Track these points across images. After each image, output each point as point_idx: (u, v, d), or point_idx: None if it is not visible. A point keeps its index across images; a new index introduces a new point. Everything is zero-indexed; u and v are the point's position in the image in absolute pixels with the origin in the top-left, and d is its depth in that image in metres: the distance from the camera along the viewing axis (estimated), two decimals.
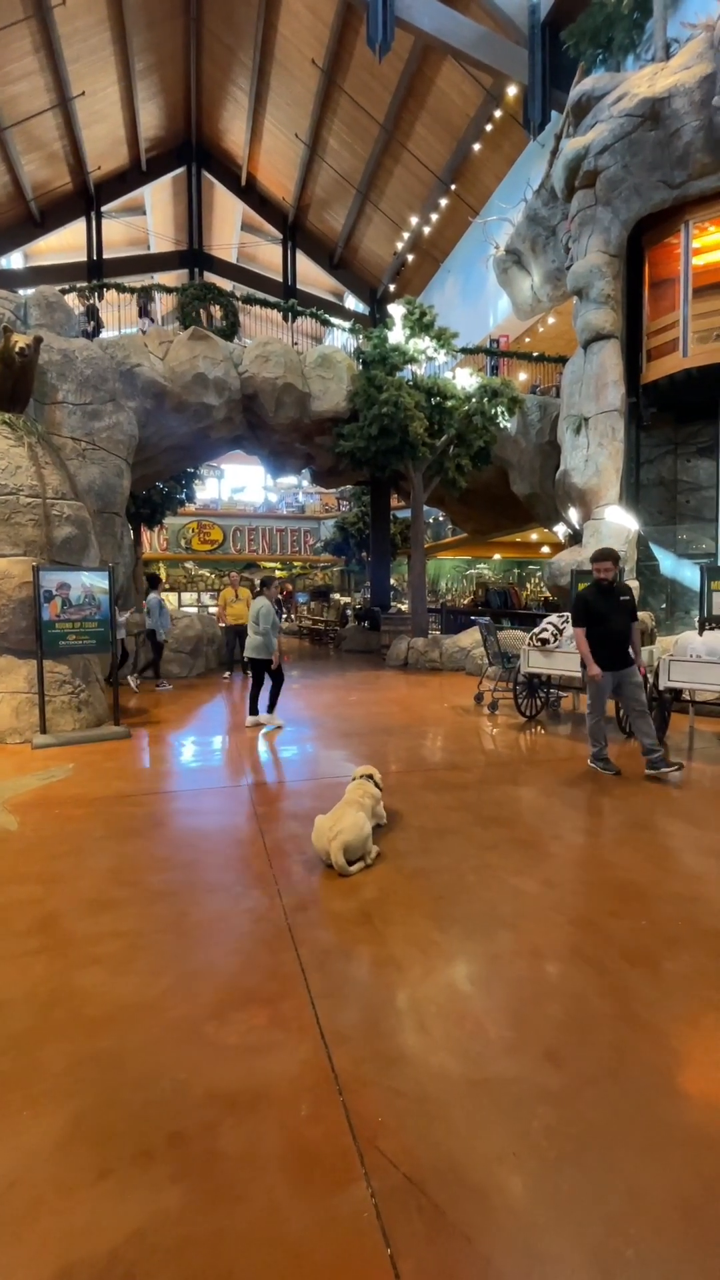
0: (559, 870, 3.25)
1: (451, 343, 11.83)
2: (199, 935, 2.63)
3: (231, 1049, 1.96)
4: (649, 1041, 1.99)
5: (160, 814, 4.06)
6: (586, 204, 11.19)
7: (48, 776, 4.88)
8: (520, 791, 4.57)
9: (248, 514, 28.35)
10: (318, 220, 23.75)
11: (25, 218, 20.86)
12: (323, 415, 11.86)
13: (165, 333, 11.02)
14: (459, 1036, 2.00)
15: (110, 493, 9.62)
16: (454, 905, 2.88)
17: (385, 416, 10.50)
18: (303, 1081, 1.82)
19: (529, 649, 6.68)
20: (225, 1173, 1.53)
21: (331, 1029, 2.04)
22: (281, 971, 2.36)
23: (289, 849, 3.51)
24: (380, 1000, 2.19)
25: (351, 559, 24.70)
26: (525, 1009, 2.14)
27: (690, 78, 9.55)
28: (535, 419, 13.75)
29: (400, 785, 4.63)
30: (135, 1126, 1.67)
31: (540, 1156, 1.57)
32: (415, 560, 12.31)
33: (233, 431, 12.24)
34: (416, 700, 8.51)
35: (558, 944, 2.54)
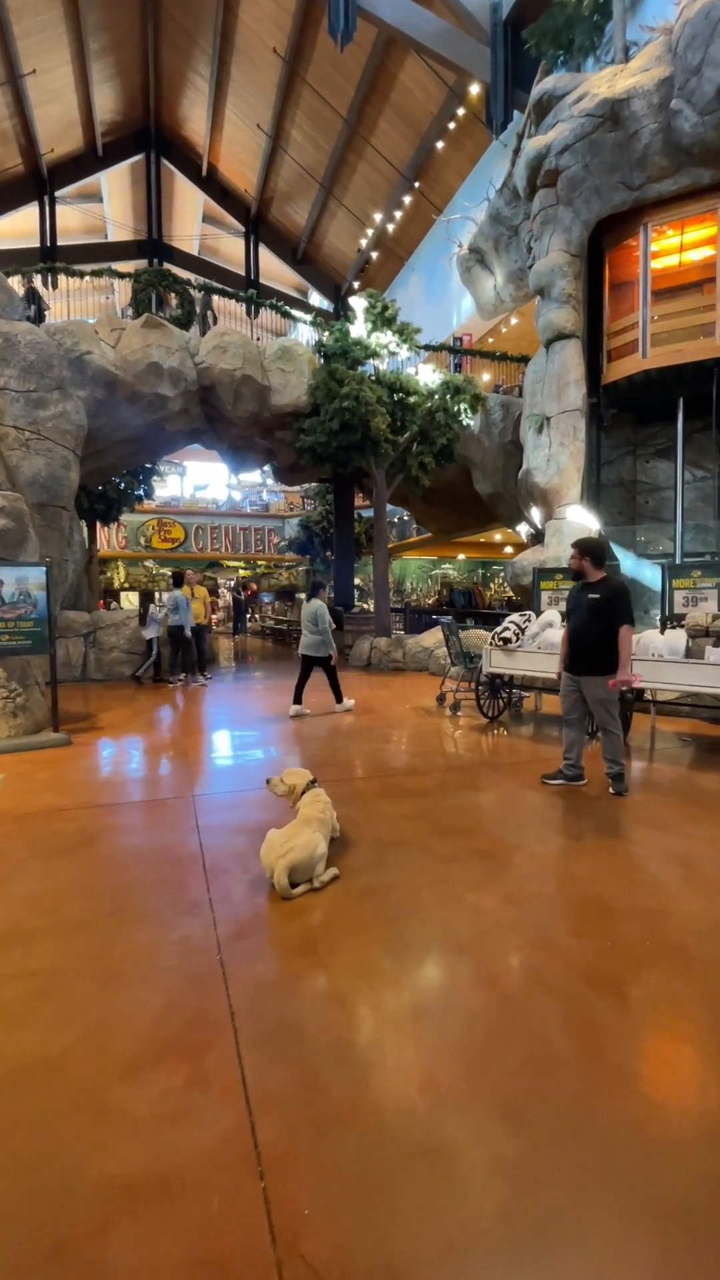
0: (520, 884, 3.03)
1: (414, 338, 11.65)
2: (119, 974, 2.32)
3: (140, 1120, 1.66)
4: (617, 1086, 1.77)
5: (93, 830, 3.72)
6: (548, 203, 11.15)
7: None
8: (480, 798, 4.36)
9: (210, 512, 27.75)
10: (281, 214, 23.38)
11: None
12: (283, 409, 11.55)
13: (117, 320, 10.55)
14: (406, 1090, 1.75)
15: (56, 485, 9.13)
16: (406, 928, 2.63)
17: (346, 411, 10.25)
18: (220, 1160, 1.54)
19: (491, 648, 6.51)
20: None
21: (259, 1088, 1.76)
22: (208, 1016, 2.08)
23: (231, 867, 3.22)
24: (318, 1048, 1.93)
25: (316, 558, 24.37)
26: (481, 1052, 1.90)
27: (648, 80, 9.57)
28: (498, 418, 13.69)
29: (357, 794, 4.37)
30: (12, 1234, 1.36)
31: (495, 1247, 1.33)
32: (379, 559, 12.09)
33: (190, 424, 11.82)
34: (378, 701, 8.28)
35: (517, 970, 2.32)
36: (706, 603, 5.88)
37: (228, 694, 9.01)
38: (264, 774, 5.05)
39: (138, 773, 5.01)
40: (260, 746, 5.92)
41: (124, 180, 23.23)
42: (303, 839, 2.98)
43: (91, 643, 9.74)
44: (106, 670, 9.74)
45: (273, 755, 5.58)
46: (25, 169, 20.40)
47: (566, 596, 4.80)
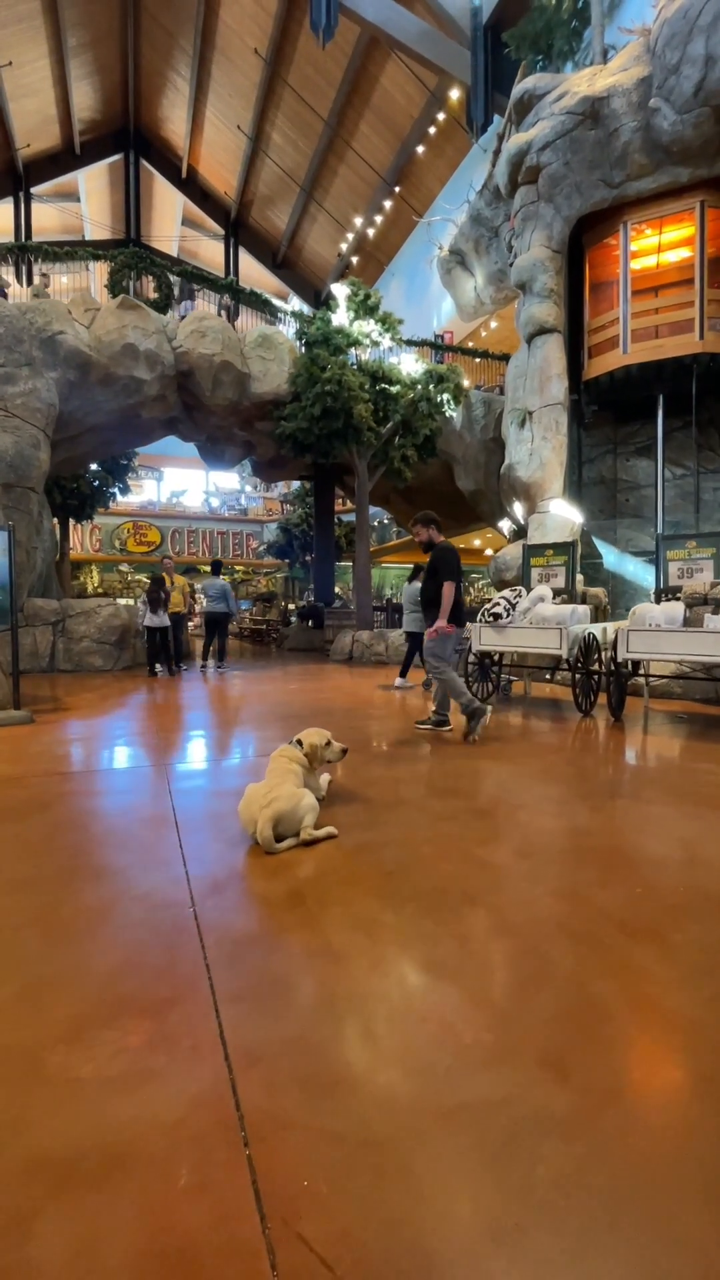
0: (529, 839, 2.72)
1: (396, 327, 11.51)
2: (69, 929, 1.95)
3: (83, 1086, 1.30)
4: (680, 1036, 1.46)
5: (50, 796, 3.31)
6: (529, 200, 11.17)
7: None
8: (477, 764, 4.06)
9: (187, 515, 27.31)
10: (261, 217, 23.35)
11: None
12: (263, 398, 11.29)
13: (91, 300, 10.22)
14: (420, 1045, 1.42)
15: (25, 464, 8.70)
16: (407, 881, 2.30)
17: (328, 396, 10.02)
18: (190, 1127, 1.19)
19: (480, 625, 6.25)
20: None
21: (240, 1045, 1.41)
22: (177, 970, 1.72)
23: (206, 826, 2.86)
24: (311, 1002, 1.58)
25: (295, 563, 24.06)
26: (508, 1002, 1.58)
27: (628, 79, 9.65)
28: (480, 414, 13.62)
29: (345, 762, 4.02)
30: None
31: (556, 1226, 1.00)
32: (360, 550, 11.83)
33: (166, 412, 11.48)
34: (360, 688, 7.95)
35: (540, 919, 2.00)
36: (702, 574, 5.71)
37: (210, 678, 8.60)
38: (240, 748, 4.69)
39: (103, 746, 4.60)
40: (235, 725, 5.54)
41: (102, 180, 23.02)
42: (286, 789, 2.64)
43: (60, 631, 9.26)
44: (76, 661, 9.26)
45: (249, 731, 5.21)
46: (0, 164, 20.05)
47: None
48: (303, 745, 3.07)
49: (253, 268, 24.69)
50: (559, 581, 6.90)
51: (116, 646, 9.55)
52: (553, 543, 7.81)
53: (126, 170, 22.44)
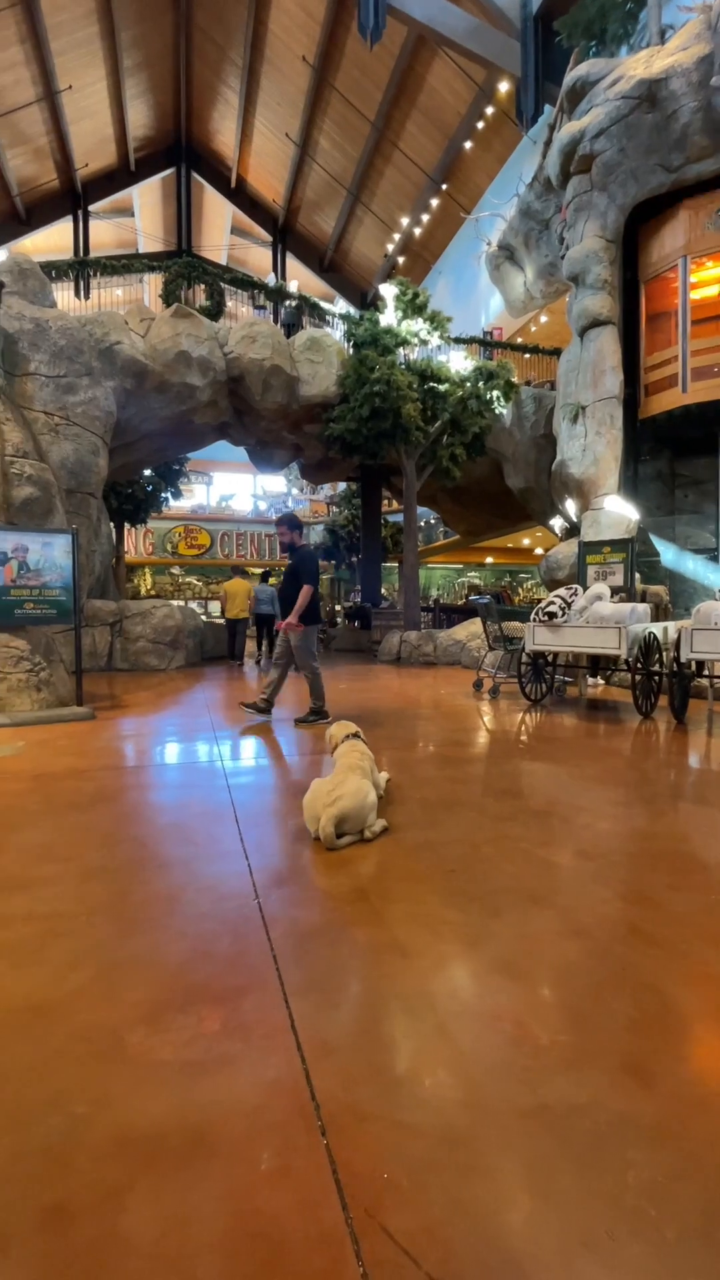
0: (593, 842, 2.65)
1: (445, 325, 11.43)
2: (139, 917, 2.00)
3: (163, 1067, 1.33)
4: None
5: (114, 788, 3.42)
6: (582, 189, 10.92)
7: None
8: (534, 765, 3.98)
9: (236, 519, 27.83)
10: (308, 222, 23.60)
11: (10, 214, 20.48)
12: (312, 401, 11.39)
13: (146, 310, 10.53)
14: (495, 1043, 1.39)
15: (85, 471, 9.04)
16: (470, 880, 2.27)
17: (377, 396, 10.03)
18: (267, 1114, 1.20)
19: (534, 624, 6.13)
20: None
21: (312, 1036, 1.42)
22: (245, 960, 1.74)
23: (266, 822, 2.89)
24: (380, 996, 1.57)
25: (341, 564, 24.18)
26: (583, 1004, 1.53)
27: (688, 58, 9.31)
28: (530, 411, 13.38)
29: (396, 761, 4.02)
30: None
31: (650, 1236, 0.96)
32: (408, 550, 11.79)
33: (218, 417, 11.73)
34: (410, 688, 7.92)
35: (610, 922, 1.94)
36: None
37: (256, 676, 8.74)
38: (294, 744, 4.74)
39: (162, 742, 4.72)
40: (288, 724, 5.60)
41: (155, 194, 23.73)
42: (351, 786, 2.65)
43: (118, 632, 9.57)
44: (133, 660, 9.55)
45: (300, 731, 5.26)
46: (60, 184, 20.93)
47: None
48: (360, 736, 3.09)
49: (300, 272, 24.98)
50: (617, 579, 6.71)
51: (170, 646, 9.80)
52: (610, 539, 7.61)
53: (178, 183, 23.06)
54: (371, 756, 3.03)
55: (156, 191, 23.67)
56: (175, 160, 22.72)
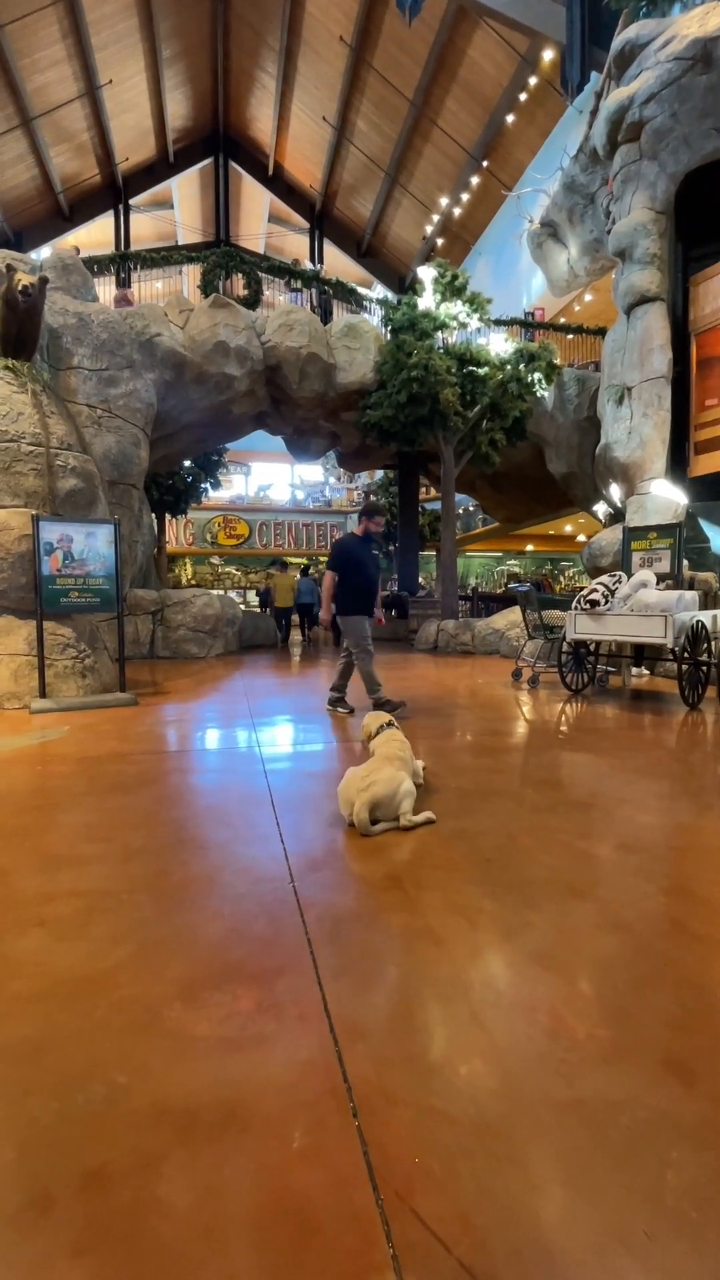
0: (635, 835, 2.58)
1: (485, 307, 11.18)
2: (178, 897, 2.04)
3: (199, 1042, 1.35)
4: None
5: (155, 772, 3.50)
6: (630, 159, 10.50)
7: (38, 737, 4.38)
8: (574, 756, 3.90)
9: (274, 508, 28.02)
10: (345, 207, 23.38)
11: (54, 211, 20.91)
12: (349, 388, 11.33)
13: (185, 301, 10.62)
14: (531, 1034, 1.37)
15: (126, 463, 9.21)
16: (507, 869, 2.24)
17: (414, 382, 9.89)
18: (300, 1093, 1.21)
19: (576, 612, 5.99)
20: (158, 1248, 0.92)
21: (345, 1019, 1.42)
22: (280, 942, 1.76)
23: (301, 806, 2.92)
24: (413, 982, 1.57)
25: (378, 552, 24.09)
26: (623, 999, 1.49)
27: None
28: (573, 393, 13.01)
29: (433, 750, 4.00)
30: (34, 1156, 1.08)
31: (691, 1238, 0.93)
32: (446, 538, 11.66)
33: (255, 407, 11.79)
34: (447, 678, 7.85)
35: (654, 917, 1.89)
36: None
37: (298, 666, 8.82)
38: (332, 732, 4.76)
39: (202, 727, 4.81)
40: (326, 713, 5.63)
41: (193, 185, 23.86)
42: (385, 774, 2.64)
43: (159, 620, 9.78)
44: (174, 648, 9.75)
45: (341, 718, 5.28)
46: (102, 179, 21.24)
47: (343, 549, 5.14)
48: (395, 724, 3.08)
49: (337, 258, 24.81)
50: (663, 566, 6.49)
51: (210, 635, 9.96)
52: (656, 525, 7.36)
53: (216, 173, 23.13)
54: (409, 745, 3.01)
55: (195, 183, 23.80)
56: (213, 150, 22.79)
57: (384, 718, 3.22)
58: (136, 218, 22.71)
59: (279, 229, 25.37)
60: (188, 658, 9.72)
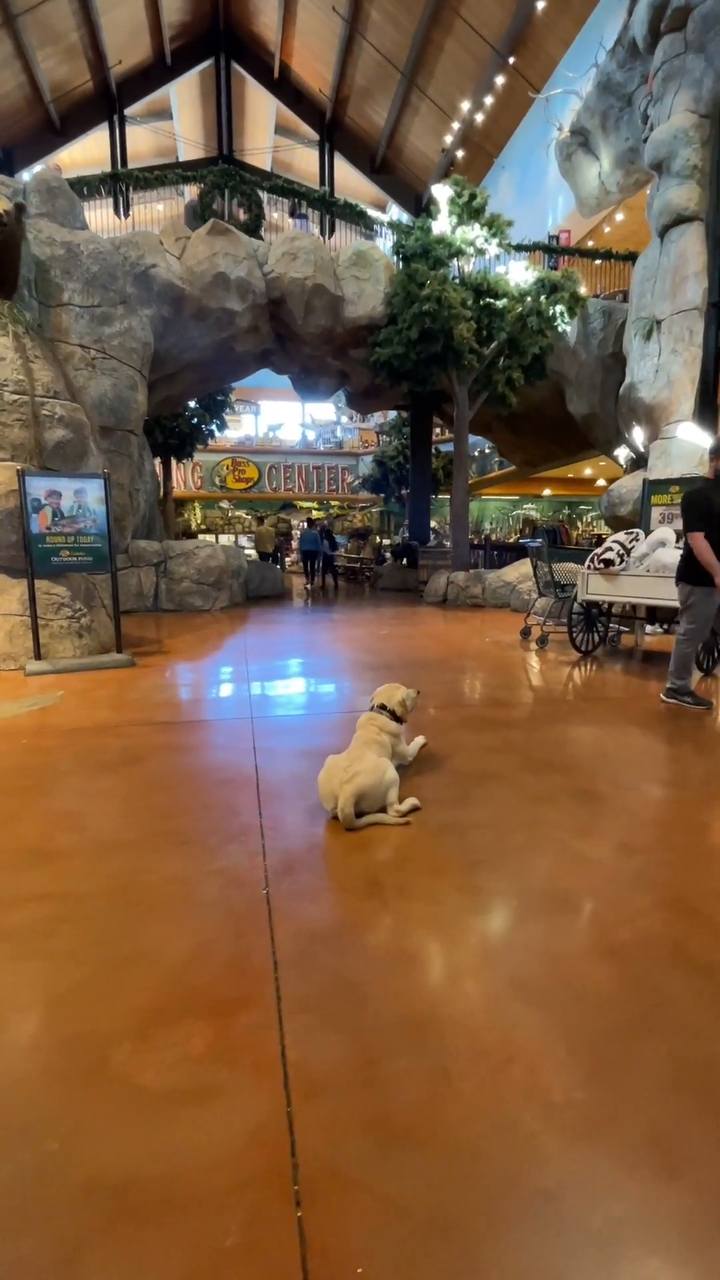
0: (637, 831, 2.43)
1: (505, 231, 10.29)
2: (148, 903, 1.95)
3: (144, 1096, 1.26)
4: None
5: (143, 748, 3.41)
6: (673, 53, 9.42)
7: (30, 704, 4.30)
8: (579, 731, 3.74)
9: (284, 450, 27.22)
10: (358, 115, 21.49)
11: (44, 124, 19.44)
12: (357, 322, 10.63)
13: (181, 228, 9.89)
14: (503, 1096, 1.26)
15: (123, 407, 8.80)
16: (495, 875, 2.11)
17: (427, 316, 9.23)
18: (243, 1168, 1.11)
19: (589, 572, 5.70)
20: None
21: (302, 1069, 1.32)
22: (246, 965, 1.66)
23: (287, 792, 2.80)
24: (382, 1020, 1.46)
25: (390, 497, 23.45)
26: (607, 1050, 1.37)
27: None
28: (598, 327, 12.15)
29: (432, 722, 3.85)
30: None
31: None
32: (458, 485, 11.19)
33: (260, 344, 11.16)
34: (454, 635, 7.66)
35: (649, 939, 1.76)
36: None
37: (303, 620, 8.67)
38: (328, 702, 4.63)
39: (197, 693, 4.71)
40: (325, 676, 5.49)
41: (193, 92, 22.00)
42: (368, 763, 2.50)
43: (163, 572, 9.59)
44: (178, 601, 9.60)
45: (340, 683, 5.14)
46: (94, 86, 19.60)
47: (694, 499, 3.97)
48: (387, 708, 2.92)
49: (349, 177, 23.02)
50: None
51: (214, 587, 9.78)
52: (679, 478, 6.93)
53: (218, 77, 21.24)
54: (394, 729, 2.86)
55: (195, 88, 21.93)
56: (214, 50, 20.84)
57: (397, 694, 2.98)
58: (134, 132, 21.08)
59: (286, 142, 23.49)
60: (192, 610, 9.58)
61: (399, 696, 2.95)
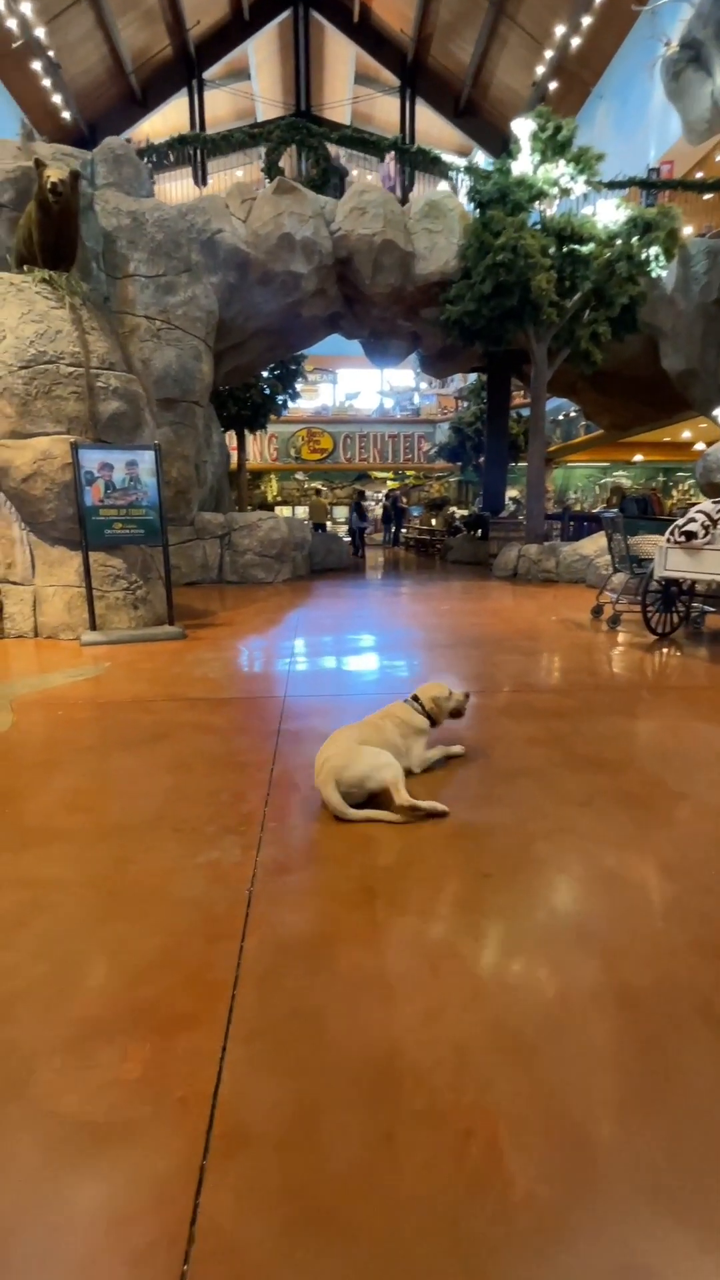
0: (686, 849, 2.10)
1: (594, 165, 9.33)
2: (127, 896, 1.86)
3: (57, 1127, 1.15)
4: None
5: (169, 725, 3.36)
6: None
7: (76, 675, 4.39)
8: (639, 725, 3.35)
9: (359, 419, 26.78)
10: (441, 55, 20.22)
11: (126, 96, 19.63)
12: (429, 279, 10.07)
13: (248, 188, 9.66)
14: (449, 1176, 1.05)
15: (188, 378, 8.82)
16: (506, 891, 1.87)
17: (501, 268, 8.58)
18: (131, 1238, 0.97)
19: (668, 546, 5.14)
20: None
21: (231, 1113, 1.17)
22: (207, 976, 1.53)
23: (300, 780, 2.65)
24: (332, 1063, 1.28)
25: (468, 465, 22.60)
26: (593, 1131, 1.13)
27: None
28: (700, 270, 10.91)
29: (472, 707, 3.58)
30: None
31: None
32: (533, 451, 10.51)
33: (327, 308, 10.83)
34: (519, 612, 7.23)
35: (672, 988, 1.47)
36: None
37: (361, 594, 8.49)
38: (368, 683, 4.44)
39: (235, 669, 4.65)
40: (372, 653, 5.30)
41: (272, 47, 21.45)
42: (342, 744, 2.38)
43: (227, 544, 9.67)
44: (241, 573, 9.67)
45: (386, 663, 4.93)
46: (174, 51, 19.53)
47: None
48: (419, 701, 2.71)
49: (432, 124, 21.84)
50: None
51: (277, 559, 9.77)
52: None
53: (296, 28, 20.57)
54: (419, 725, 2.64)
55: (274, 44, 21.36)
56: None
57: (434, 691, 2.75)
58: (212, 97, 20.89)
59: (366, 91, 22.51)
60: (255, 583, 9.62)
61: (434, 693, 2.72)
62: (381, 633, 6.13)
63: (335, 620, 6.85)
